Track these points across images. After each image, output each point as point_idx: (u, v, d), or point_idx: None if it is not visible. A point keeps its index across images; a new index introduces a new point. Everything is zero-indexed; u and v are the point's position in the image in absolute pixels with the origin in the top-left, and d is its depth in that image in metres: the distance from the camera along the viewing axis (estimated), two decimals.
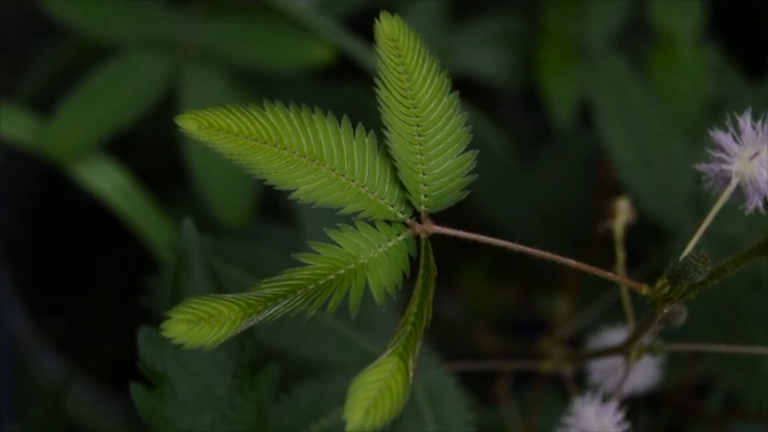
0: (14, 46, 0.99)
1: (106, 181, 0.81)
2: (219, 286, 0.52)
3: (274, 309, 0.40)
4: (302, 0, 0.83)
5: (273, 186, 0.42)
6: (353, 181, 0.42)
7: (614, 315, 0.62)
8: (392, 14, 0.44)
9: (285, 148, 0.42)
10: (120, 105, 0.80)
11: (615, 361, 0.59)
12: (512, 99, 1.01)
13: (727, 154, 0.43)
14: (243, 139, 0.41)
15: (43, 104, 0.82)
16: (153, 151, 0.92)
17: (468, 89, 0.90)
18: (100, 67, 0.80)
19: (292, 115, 0.42)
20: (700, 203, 0.65)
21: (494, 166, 0.85)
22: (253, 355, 0.51)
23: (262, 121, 0.42)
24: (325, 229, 0.65)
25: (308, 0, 0.83)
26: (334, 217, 0.49)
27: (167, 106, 0.80)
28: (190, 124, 0.41)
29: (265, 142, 0.42)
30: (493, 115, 0.89)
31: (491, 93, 0.96)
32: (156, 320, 0.47)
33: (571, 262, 0.42)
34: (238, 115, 0.42)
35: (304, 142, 0.42)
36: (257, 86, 0.85)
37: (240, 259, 0.60)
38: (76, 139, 0.79)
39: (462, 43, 0.90)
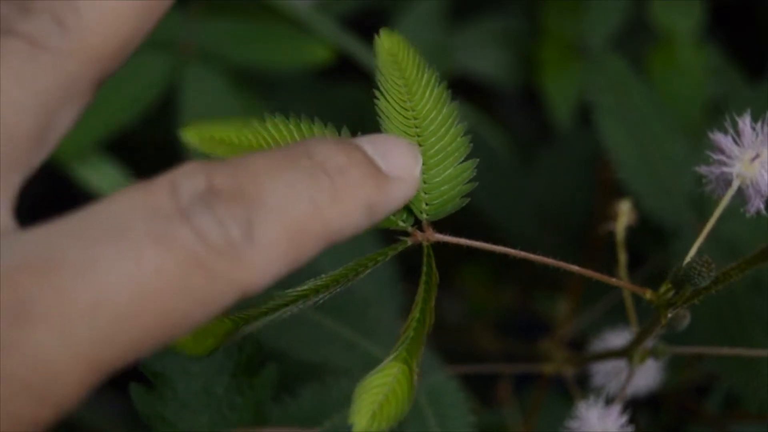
0: None
1: (106, 181, 0.81)
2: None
3: (274, 316, 0.41)
4: (302, 0, 0.83)
5: None
6: None
7: (616, 317, 0.62)
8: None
9: None
10: (120, 105, 0.80)
11: (617, 364, 0.59)
12: (512, 99, 1.01)
13: (728, 157, 0.43)
14: (244, 150, 0.42)
15: None
16: (153, 151, 0.92)
17: (468, 89, 0.90)
18: None
19: (292, 126, 0.42)
20: (700, 204, 0.65)
21: (494, 166, 0.85)
22: (252, 356, 0.51)
23: (263, 133, 0.42)
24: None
25: (308, 0, 0.83)
26: None
27: (167, 106, 0.80)
28: (192, 136, 0.42)
29: None
30: (493, 115, 0.89)
31: (491, 93, 0.96)
32: None
33: (575, 267, 0.42)
34: (240, 126, 0.42)
35: None
36: (257, 86, 0.85)
37: None
38: (77, 139, 0.79)
39: (462, 43, 0.89)
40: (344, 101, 0.87)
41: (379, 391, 0.39)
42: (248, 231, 0.34)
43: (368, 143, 0.39)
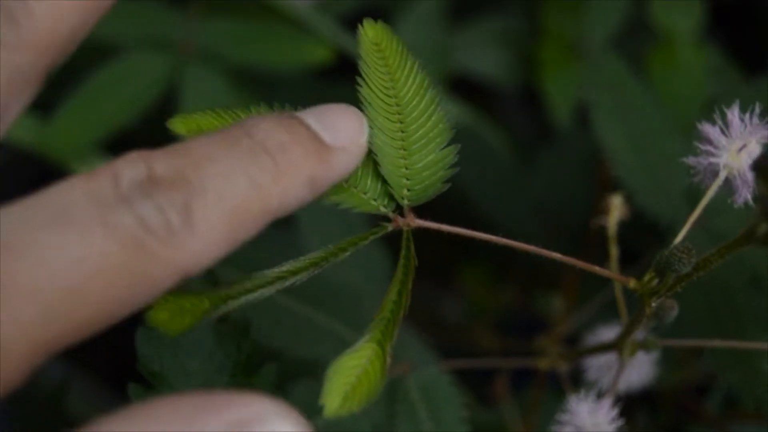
0: None
1: None
2: (217, 287, 0.52)
3: (252, 297, 0.42)
4: (302, 0, 0.83)
5: None
6: None
7: (612, 312, 0.62)
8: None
9: None
10: (120, 105, 0.80)
11: (610, 358, 0.59)
12: (512, 99, 1.01)
13: (715, 147, 0.43)
14: None
15: (43, 104, 0.82)
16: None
17: (468, 89, 0.90)
18: (100, 67, 0.80)
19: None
20: (696, 201, 0.65)
21: (494, 166, 0.85)
22: (251, 356, 0.51)
23: None
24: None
25: (308, 0, 0.84)
26: (328, 212, 0.49)
27: (167, 106, 0.80)
28: (180, 127, 0.43)
29: None
30: (493, 115, 0.89)
31: (491, 93, 0.96)
32: None
33: (557, 255, 0.42)
34: (225, 117, 0.43)
35: None
36: (257, 86, 0.85)
37: (237, 259, 0.60)
38: (76, 139, 0.79)
39: (462, 43, 0.90)
40: (344, 101, 0.87)
41: (352, 373, 0.39)
42: (186, 216, 0.35)
43: (312, 116, 0.40)
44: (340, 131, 0.40)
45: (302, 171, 0.38)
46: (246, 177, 0.37)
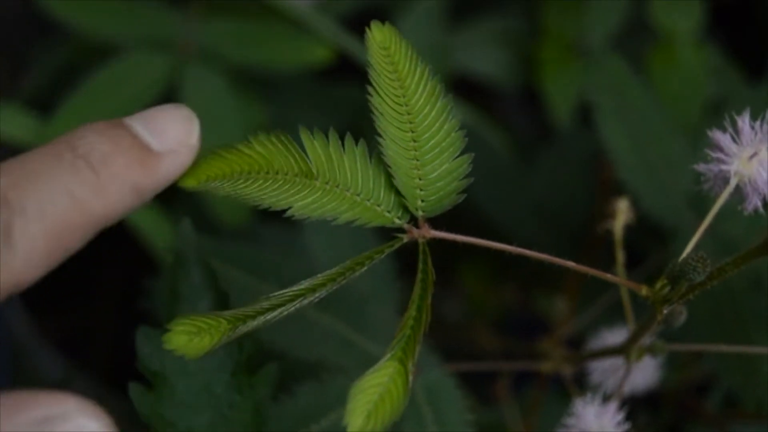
0: (14, 46, 0.99)
1: None
2: (218, 288, 0.52)
3: (270, 316, 0.41)
4: (302, 0, 0.83)
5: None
6: (348, 190, 0.42)
7: (615, 315, 0.62)
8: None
9: (277, 173, 0.42)
10: (120, 105, 0.80)
11: (615, 362, 0.59)
12: (512, 99, 1.01)
13: (726, 155, 0.43)
14: (237, 176, 0.41)
15: (43, 104, 0.82)
16: None
17: (468, 89, 0.90)
18: (100, 67, 0.80)
19: (276, 140, 0.42)
20: (700, 203, 0.65)
21: (494, 166, 0.85)
22: (252, 355, 0.51)
23: (251, 153, 0.42)
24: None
25: (308, 0, 0.83)
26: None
27: None
28: (191, 182, 0.41)
29: (258, 172, 0.42)
30: (493, 115, 0.89)
31: (491, 93, 0.96)
32: (155, 320, 0.47)
33: (570, 263, 0.42)
34: (228, 156, 0.42)
35: (293, 162, 0.42)
36: (257, 86, 0.85)
37: (239, 260, 0.60)
38: None
39: (462, 43, 0.90)
40: (344, 101, 0.87)
41: (374, 391, 0.39)
42: (6, 236, 0.36)
43: (140, 121, 0.40)
44: (168, 135, 0.40)
45: (125, 181, 0.38)
46: (66, 193, 0.37)
